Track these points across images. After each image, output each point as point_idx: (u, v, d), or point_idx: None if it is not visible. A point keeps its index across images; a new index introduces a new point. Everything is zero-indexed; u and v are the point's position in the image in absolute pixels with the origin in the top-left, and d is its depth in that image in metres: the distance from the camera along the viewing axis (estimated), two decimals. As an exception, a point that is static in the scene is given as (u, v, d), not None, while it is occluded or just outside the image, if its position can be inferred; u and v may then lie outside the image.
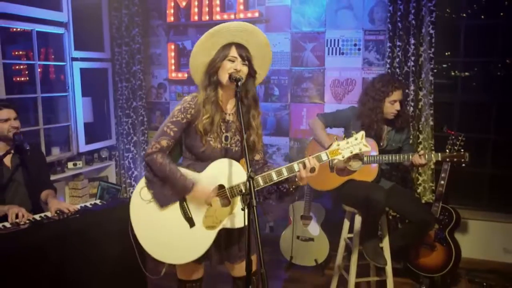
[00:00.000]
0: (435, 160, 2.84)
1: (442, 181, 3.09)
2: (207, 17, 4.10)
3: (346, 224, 3.14)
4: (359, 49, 3.81)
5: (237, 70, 1.91)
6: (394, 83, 2.93)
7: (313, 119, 3.11)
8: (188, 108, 1.97)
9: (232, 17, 4.02)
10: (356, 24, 3.78)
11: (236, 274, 2.17)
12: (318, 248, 3.56)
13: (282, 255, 3.69)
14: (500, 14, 3.72)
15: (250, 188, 1.64)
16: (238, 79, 1.87)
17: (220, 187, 1.96)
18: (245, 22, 1.97)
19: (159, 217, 1.99)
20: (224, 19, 4.04)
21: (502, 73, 3.82)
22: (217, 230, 1.95)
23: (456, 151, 2.79)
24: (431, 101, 3.52)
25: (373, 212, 2.83)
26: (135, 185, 4.45)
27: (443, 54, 3.89)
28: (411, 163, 2.82)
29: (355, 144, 1.93)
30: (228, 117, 2.03)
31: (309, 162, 1.89)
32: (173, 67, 4.38)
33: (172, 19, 4.28)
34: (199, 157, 2.00)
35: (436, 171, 3.50)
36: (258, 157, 2.13)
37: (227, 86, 1.96)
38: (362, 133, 1.94)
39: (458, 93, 3.86)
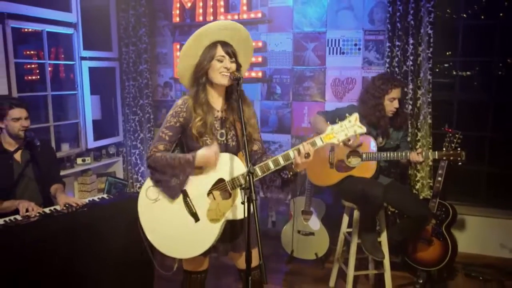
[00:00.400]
0: (432, 158, 2.85)
1: (439, 178, 3.10)
2: (212, 18, 4.12)
3: (346, 219, 3.17)
4: (359, 49, 3.82)
5: (227, 68, 1.93)
6: (394, 81, 2.95)
7: (314, 116, 3.12)
8: (179, 112, 2.00)
9: (236, 17, 4.04)
10: (356, 25, 3.79)
11: (241, 266, 2.17)
12: (318, 242, 3.58)
13: (283, 248, 3.72)
14: (498, 15, 3.71)
15: (249, 183, 1.66)
16: (239, 78, 1.90)
17: (220, 181, 1.98)
18: (227, 20, 1.99)
19: (165, 215, 2.01)
20: (228, 19, 4.05)
21: (500, 73, 3.81)
22: (221, 223, 1.96)
23: (453, 149, 2.80)
24: (429, 99, 3.53)
25: (371, 207, 2.85)
26: (142, 181, 4.52)
27: (442, 53, 3.89)
28: (408, 160, 2.84)
29: (349, 126, 1.89)
30: (220, 114, 2.05)
31: (303, 148, 1.88)
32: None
33: (178, 19, 4.30)
34: None
35: (434, 168, 3.50)
36: (256, 147, 2.13)
37: (217, 85, 1.99)
38: (355, 115, 1.90)
39: (456, 92, 3.86)
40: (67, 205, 2.52)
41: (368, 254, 2.94)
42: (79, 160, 4.13)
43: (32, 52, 4.07)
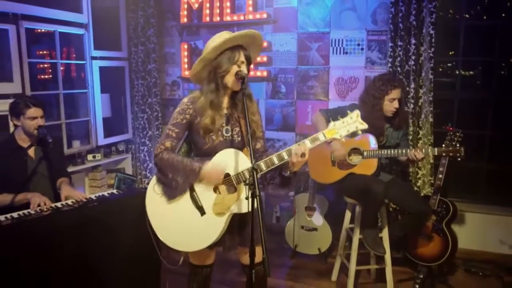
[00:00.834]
0: (432, 155, 2.84)
1: (440, 175, 3.09)
2: (218, 18, 4.14)
3: (348, 215, 3.18)
4: (362, 49, 3.81)
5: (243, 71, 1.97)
6: (394, 82, 2.95)
7: (315, 114, 3.13)
8: (186, 109, 2.03)
9: (242, 18, 4.05)
10: (360, 25, 3.79)
11: (245, 262, 2.17)
12: (321, 237, 3.60)
13: (287, 243, 3.73)
14: (500, 15, 3.68)
15: (254, 179, 1.68)
16: (244, 76, 1.93)
17: (225, 175, 1.99)
18: (251, 30, 2.01)
19: (172, 209, 2.03)
20: (234, 20, 4.08)
21: (501, 72, 3.79)
22: (226, 216, 1.98)
23: (453, 146, 2.80)
24: (430, 98, 3.52)
25: (372, 204, 2.85)
26: (150, 176, 4.55)
27: (444, 53, 3.87)
28: (408, 158, 2.84)
29: (351, 123, 1.92)
30: (225, 111, 2.07)
31: (299, 149, 1.89)
32: (186, 66, 4.42)
33: (185, 20, 4.32)
34: (205, 152, 2.04)
35: (435, 165, 3.50)
36: (258, 145, 2.15)
37: (231, 88, 2.02)
38: (356, 112, 1.93)
39: (457, 90, 3.85)
40: (73, 201, 2.54)
41: (370, 249, 2.94)
42: (89, 157, 4.18)
43: (44, 52, 4.11)
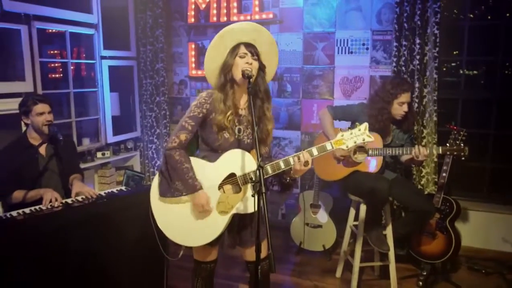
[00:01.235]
0: (436, 153, 2.83)
1: (444, 174, 3.08)
2: (225, 18, 4.13)
3: (352, 212, 3.17)
4: (367, 49, 3.79)
5: (249, 63, 1.93)
6: (403, 85, 2.90)
7: (322, 110, 3.11)
8: (203, 103, 2.00)
9: (249, 18, 4.04)
10: (365, 25, 3.77)
11: (248, 259, 2.18)
12: (326, 234, 3.59)
13: (292, 240, 3.74)
14: (504, 15, 3.64)
15: (259, 176, 1.67)
16: (250, 75, 1.90)
17: (231, 175, 2.00)
18: (250, 22, 1.99)
19: (176, 203, 2.04)
20: (241, 20, 4.06)
21: (505, 72, 3.75)
22: (229, 215, 1.98)
23: (457, 145, 2.78)
24: (435, 97, 3.50)
25: (377, 201, 2.84)
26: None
27: (449, 53, 3.84)
28: (409, 159, 2.82)
29: (359, 134, 1.93)
30: (241, 112, 2.05)
31: (303, 156, 1.90)
32: (193, 65, 4.43)
33: (193, 20, 4.32)
34: (214, 148, 2.04)
35: (439, 164, 3.48)
36: (263, 151, 2.12)
37: (241, 83, 1.98)
38: (365, 125, 1.94)
39: (461, 90, 3.82)
40: (83, 197, 2.55)
41: (374, 246, 2.94)
42: (99, 154, 4.20)
43: (55, 51, 4.13)
